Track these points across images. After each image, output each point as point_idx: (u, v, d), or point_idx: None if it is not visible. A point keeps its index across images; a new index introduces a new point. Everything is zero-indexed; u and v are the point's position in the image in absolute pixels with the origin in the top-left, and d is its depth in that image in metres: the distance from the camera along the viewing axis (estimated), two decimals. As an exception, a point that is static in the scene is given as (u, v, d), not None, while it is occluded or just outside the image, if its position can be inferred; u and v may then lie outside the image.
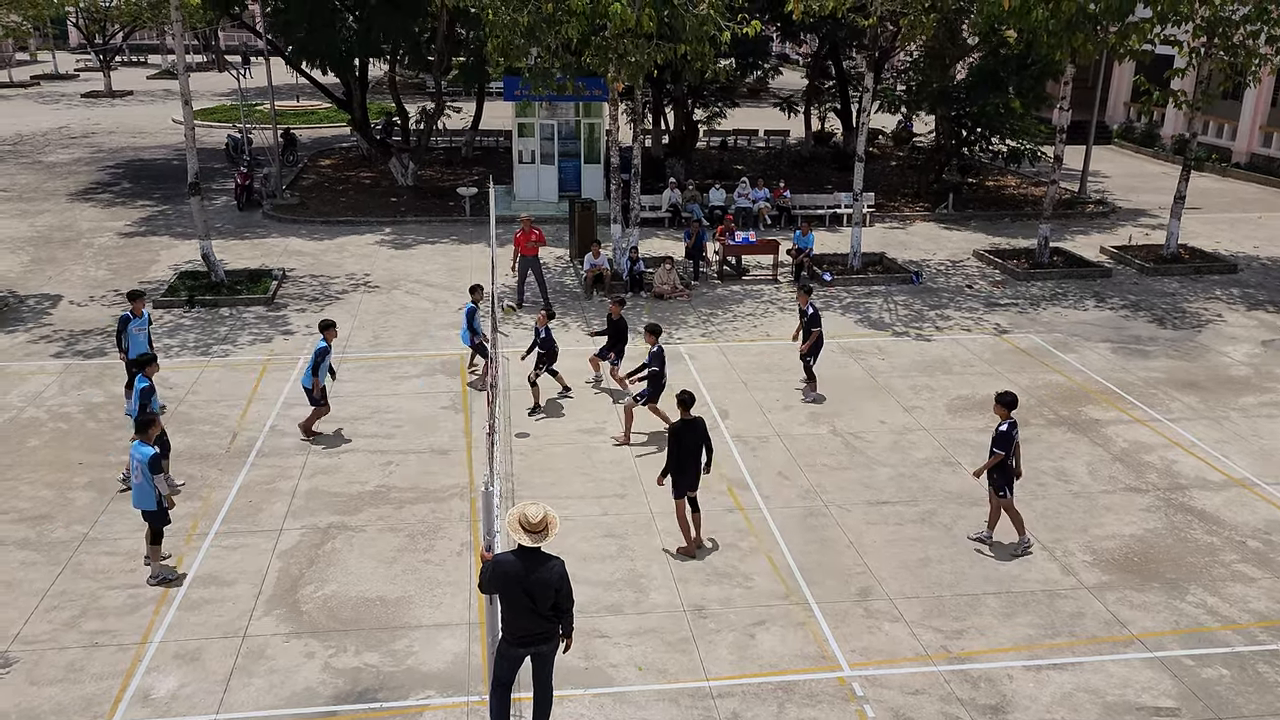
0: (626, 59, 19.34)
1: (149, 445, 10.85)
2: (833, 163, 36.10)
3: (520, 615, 7.92)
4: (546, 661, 8.27)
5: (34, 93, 60.29)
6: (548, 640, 8.14)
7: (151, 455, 10.73)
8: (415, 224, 27.89)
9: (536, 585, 7.84)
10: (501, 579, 7.82)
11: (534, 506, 7.89)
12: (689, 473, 11.53)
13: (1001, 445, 11.57)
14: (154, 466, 10.71)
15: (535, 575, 7.83)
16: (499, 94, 34.06)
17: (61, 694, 9.24)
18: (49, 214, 28.36)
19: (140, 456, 10.72)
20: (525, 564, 7.82)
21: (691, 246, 22.89)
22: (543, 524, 7.81)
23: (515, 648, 8.07)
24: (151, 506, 10.85)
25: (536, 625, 8.01)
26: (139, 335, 15.04)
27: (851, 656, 10.03)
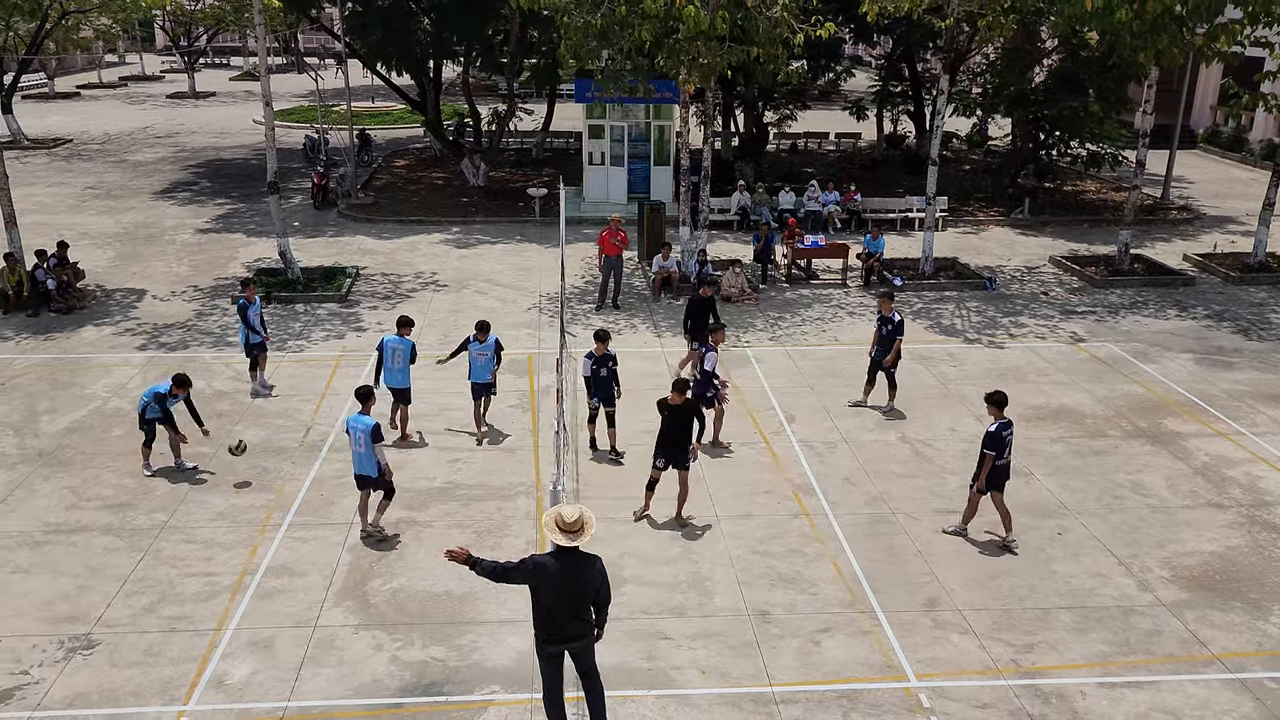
0: (699, 61, 19.31)
1: (369, 416, 11.67)
2: (904, 166, 35.63)
3: (556, 614, 7.98)
4: (586, 656, 8.33)
5: (122, 94, 62.31)
6: (582, 638, 8.20)
7: (373, 425, 11.51)
8: (485, 224, 28.20)
9: (577, 585, 7.89)
10: (539, 578, 7.88)
11: (570, 507, 7.97)
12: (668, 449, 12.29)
13: (992, 446, 11.62)
14: (375, 436, 11.47)
15: (575, 575, 7.88)
16: (570, 96, 34.26)
17: (140, 676, 9.52)
18: (134, 211, 29.28)
19: (362, 427, 11.53)
20: (565, 564, 7.87)
21: (760, 250, 22.79)
22: (579, 524, 7.86)
23: (548, 645, 8.14)
24: (373, 473, 11.63)
25: (571, 625, 8.06)
26: (258, 320, 16.24)
27: (918, 667, 9.88)
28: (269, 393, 16.18)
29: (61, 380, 16.62)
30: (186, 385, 13.60)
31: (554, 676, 8.24)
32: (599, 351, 14.03)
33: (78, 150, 39.89)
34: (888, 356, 15.59)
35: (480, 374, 14.50)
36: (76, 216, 28.26)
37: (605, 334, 14.28)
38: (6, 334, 18.81)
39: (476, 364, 14.48)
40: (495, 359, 14.54)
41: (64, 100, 57.94)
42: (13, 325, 19.27)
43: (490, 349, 14.49)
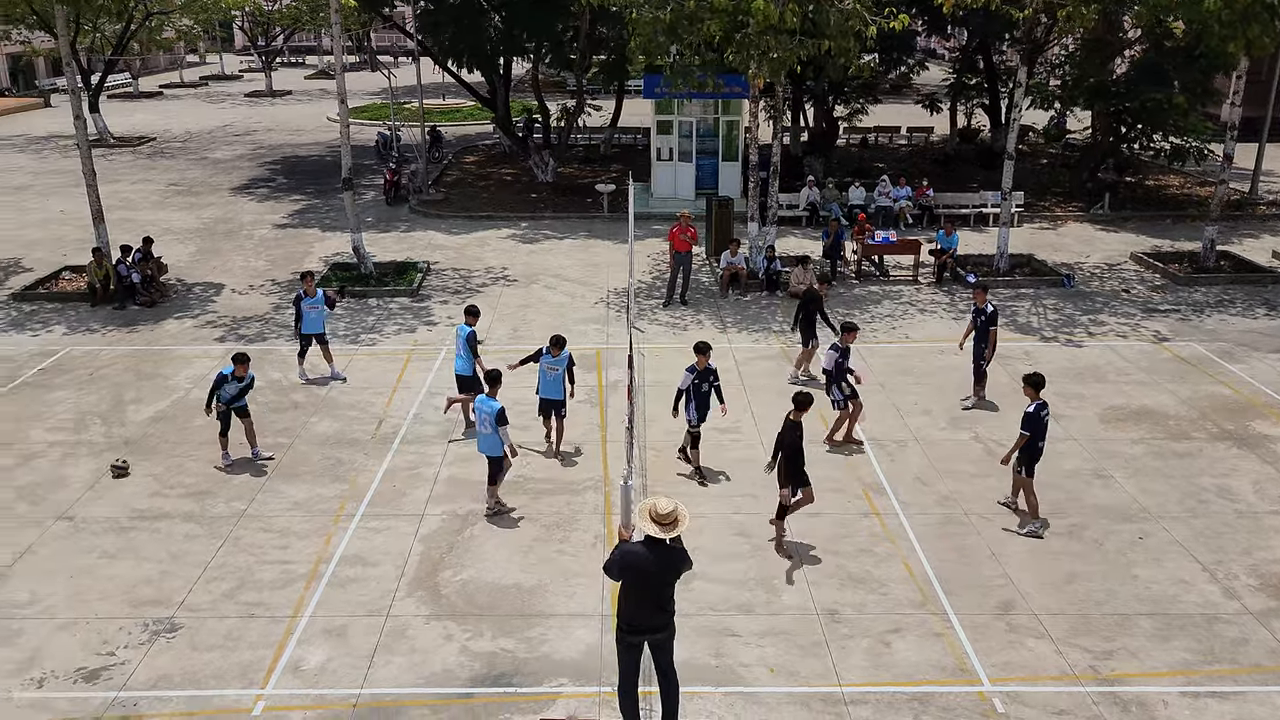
0: (769, 55, 19.15)
1: (496, 400, 12.06)
2: (978, 160, 34.97)
3: (640, 605, 8.00)
4: (665, 650, 8.32)
5: (202, 93, 64.01)
6: (663, 629, 8.18)
7: (499, 409, 11.89)
8: (553, 220, 28.36)
9: (663, 577, 7.88)
10: (627, 568, 7.89)
11: (666, 499, 7.93)
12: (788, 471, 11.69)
13: (1029, 426, 11.74)
14: (500, 419, 11.85)
15: (662, 566, 7.87)
16: (638, 92, 34.30)
17: (220, 660, 9.77)
18: (214, 207, 30.04)
19: (489, 410, 11.94)
20: (653, 555, 7.86)
21: (829, 245, 22.56)
22: (672, 517, 7.84)
23: (630, 635, 8.14)
24: (498, 453, 12.08)
25: (654, 616, 8.06)
26: (311, 312, 16.43)
27: (992, 671, 9.69)
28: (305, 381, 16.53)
29: (146, 371, 17.13)
30: (245, 362, 13.74)
31: (631, 667, 8.25)
32: (701, 364, 13.16)
33: (160, 148, 41.08)
34: (987, 351, 15.41)
35: (551, 390, 13.76)
36: (159, 212, 29.10)
37: (707, 346, 13.34)
38: (94, 326, 19.44)
39: (546, 378, 13.75)
40: (567, 375, 13.86)
41: (147, 99, 59.71)
42: (100, 318, 19.92)
43: (563, 364, 13.74)
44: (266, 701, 9.23)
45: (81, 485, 13.18)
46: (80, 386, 16.44)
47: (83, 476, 13.40)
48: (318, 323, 16.58)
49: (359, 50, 77.39)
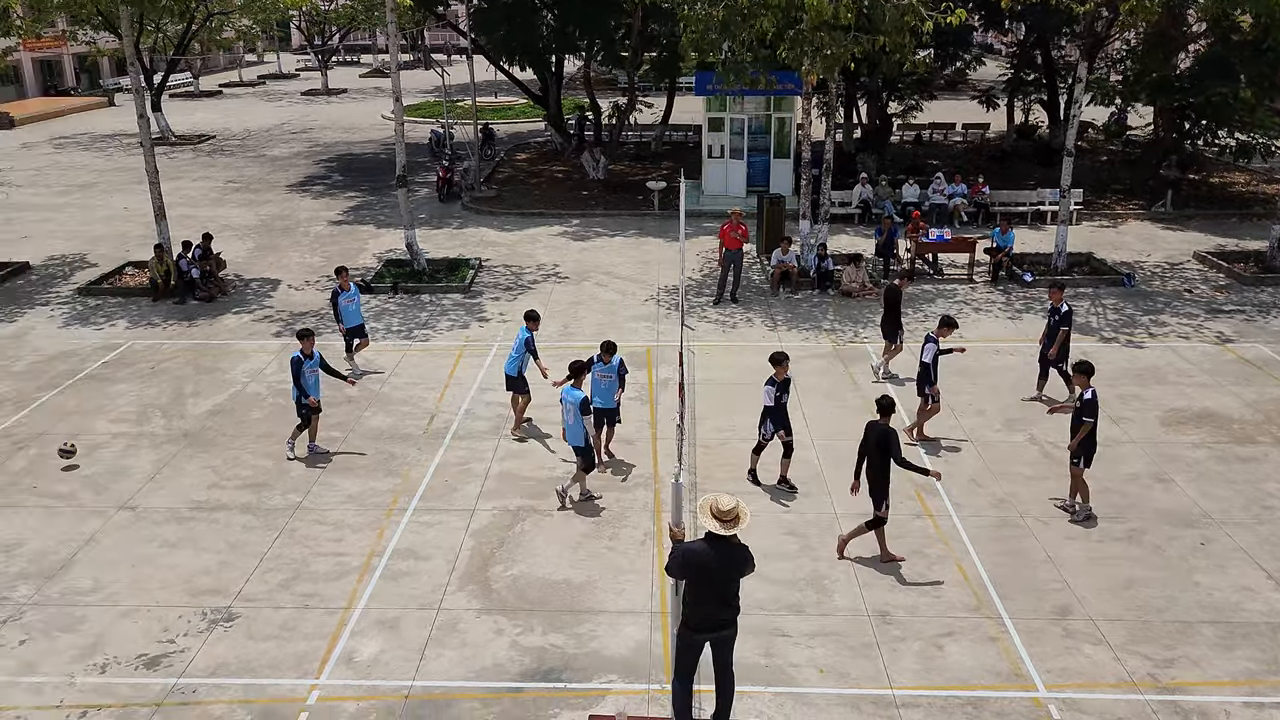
0: (822, 52, 18.99)
1: (580, 390, 12.36)
2: (1035, 157, 34.38)
3: (704, 602, 7.96)
4: (726, 648, 8.27)
5: (260, 91, 65.11)
6: (728, 627, 8.14)
7: (583, 399, 12.21)
8: (604, 217, 28.41)
9: (725, 574, 7.85)
10: (689, 565, 7.86)
11: (728, 496, 7.91)
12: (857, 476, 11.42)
13: (1092, 412, 11.72)
14: (584, 409, 12.17)
15: (724, 563, 7.84)
16: (689, 89, 34.21)
17: (275, 650, 9.93)
18: (271, 204, 30.54)
19: (572, 400, 12.24)
20: (714, 552, 7.83)
21: (883, 244, 22.32)
22: (733, 514, 7.81)
23: (695, 634, 8.11)
24: (579, 443, 12.34)
25: (719, 613, 8.02)
26: (350, 306, 16.74)
27: (1048, 677, 9.52)
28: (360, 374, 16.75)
29: (205, 365, 17.46)
30: (309, 337, 13.98)
31: (690, 660, 8.22)
32: (780, 376, 12.69)
33: (220, 146, 41.85)
34: (1052, 349, 15.24)
35: (603, 398, 13.43)
36: (218, 209, 29.65)
37: (785, 356, 12.82)
38: (155, 321, 19.87)
39: (599, 385, 13.39)
40: (619, 383, 13.64)
41: (207, 98, 60.88)
42: (161, 312, 20.35)
43: (614, 371, 13.48)
44: (321, 691, 9.36)
45: (143, 476, 13.48)
46: (142, 380, 16.81)
47: (144, 468, 13.70)
48: (356, 315, 16.97)
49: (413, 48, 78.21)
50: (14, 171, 36.40)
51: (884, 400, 11.42)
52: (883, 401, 11.40)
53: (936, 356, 14.15)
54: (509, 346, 17.88)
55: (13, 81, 59.09)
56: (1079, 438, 11.93)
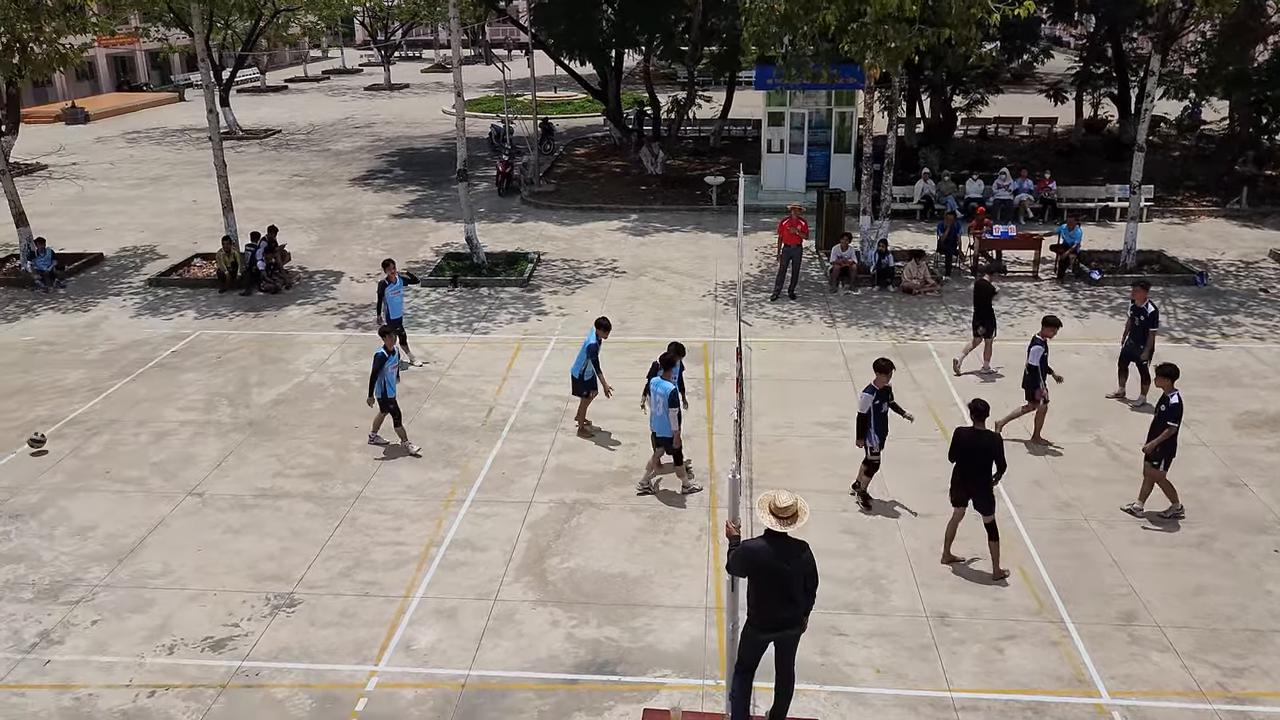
0: (886, 45, 18.73)
1: (669, 381, 12.44)
2: (1104, 152, 33.59)
3: (768, 600, 7.90)
4: (790, 648, 8.20)
5: (324, 86, 66.20)
6: (793, 626, 8.07)
7: (672, 391, 12.32)
8: (662, 212, 28.39)
9: (786, 571, 7.80)
10: (750, 563, 7.82)
11: (785, 493, 7.86)
12: (964, 487, 10.97)
13: (1175, 417, 11.45)
14: (672, 400, 12.30)
15: (784, 561, 7.78)
16: (749, 83, 34.03)
17: (335, 636, 10.10)
18: (334, 197, 31.03)
19: (662, 391, 12.37)
20: (774, 549, 7.78)
21: (945, 240, 22.00)
22: (792, 510, 7.76)
23: (760, 633, 8.05)
24: (666, 433, 12.44)
25: (784, 611, 7.96)
26: (395, 298, 16.89)
27: (1111, 684, 9.32)
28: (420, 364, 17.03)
29: (270, 355, 17.81)
30: (391, 333, 14.27)
31: (753, 656, 8.16)
32: (880, 383, 12.07)
33: (285, 140, 42.63)
34: (1145, 354, 14.94)
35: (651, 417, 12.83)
36: (284, 202, 30.21)
37: (889, 364, 12.16)
38: (222, 311, 20.31)
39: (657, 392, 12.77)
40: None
41: (274, 93, 62.05)
42: (227, 303, 20.79)
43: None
44: (379, 678, 9.50)
45: (209, 463, 13.79)
46: (209, 369, 17.19)
47: (210, 455, 14.02)
48: (401, 307, 17.21)
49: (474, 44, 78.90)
50: (89, 165, 37.45)
51: (979, 404, 11.03)
52: (978, 405, 11.01)
53: (1044, 358, 13.73)
54: (566, 340, 18.08)
55: (88, 77, 60.79)
56: (1159, 441, 11.64)
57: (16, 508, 12.67)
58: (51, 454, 14.09)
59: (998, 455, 10.79)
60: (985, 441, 10.83)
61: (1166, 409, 11.64)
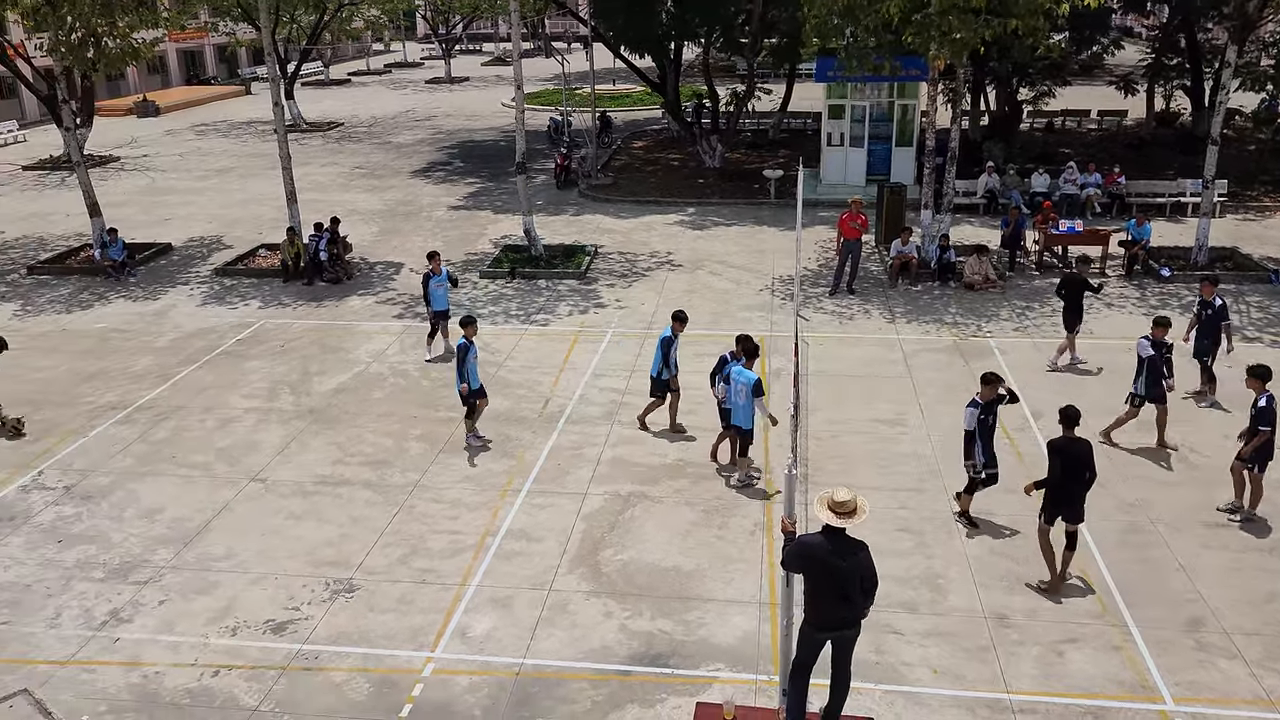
0: (951, 36, 18.44)
1: (753, 371, 12.29)
2: (1176, 146, 32.73)
3: (825, 599, 7.83)
4: (847, 647, 8.13)
5: (386, 80, 66.98)
6: (851, 626, 7.99)
7: (756, 380, 12.13)
8: (719, 205, 28.28)
9: (842, 568, 7.73)
10: (806, 560, 7.76)
11: (843, 489, 7.79)
12: (1064, 502, 10.44)
13: (1267, 421, 11.15)
14: (756, 390, 12.08)
15: (841, 558, 7.71)
16: (809, 75, 33.71)
17: (393, 622, 10.24)
18: (395, 189, 31.42)
19: (745, 380, 12.18)
20: (831, 546, 7.71)
21: (1009, 235, 21.61)
22: (852, 506, 7.68)
23: (817, 632, 7.98)
24: (747, 425, 12.33)
25: (841, 610, 7.89)
26: (438, 290, 17.01)
27: (1176, 690, 9.09)
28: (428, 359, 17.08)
29: (331, 345, 18.10)
30: (472, 322, 14.00)
31: (810, 655, 8.10)
32: (986, 396, 11.31)
33: (348, 133, 43.25)
34: (1228, 348, 14.65)
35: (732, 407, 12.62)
36: (346, 194, 30.66)
37: (997, 376, 11.46)
38: (285, 301, 20.68)
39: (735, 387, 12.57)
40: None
41: (337, 86, 62.95)
42: (290, 293, 21.17)
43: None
44: (436, 664, 9.61)
45: (272, 450, 14.06)
46: (272, 357, 17.52)
47: (273, 442, 14.29)
48: (443, 300, 17.22)
49: (534, 37, 79.26)
50: (159, 157, 38.36)
51: (1072, 412, 10.48)
52: (1071, 413, 10.46)
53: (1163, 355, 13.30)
54: (623, 333, 18.11)
55: (159, 71, 62.25)
56: (1253, 445, 11.36)
57: (88, 490, 13.05)
58: (121, 438, 14.48)
59: (1091, 463, 10.41)
60: (1082, 450, 10.38)
61: (1257, 412, 11.37)
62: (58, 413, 15.37)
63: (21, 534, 12.02)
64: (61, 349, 18.14)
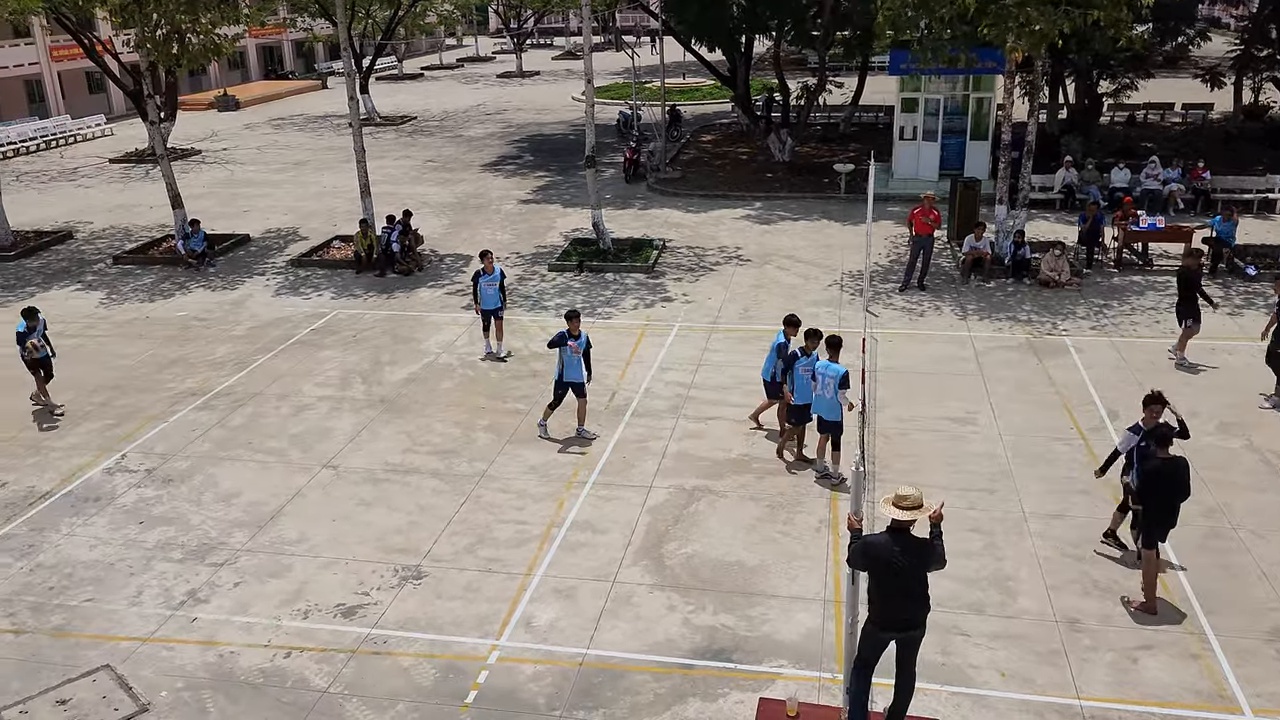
0: (1029, 28, 18.03)
1: (840, 364, 12.24)
2: (1266, 140, 31.62)
3: (889, 598, 7.76)
4: (912, 647, 8.03)
5: (458, 74, 67.75)
6: (916, 626, 7.90)
7: (844, 373, 12.10)
8: (788, 200, 28.07)
9: (907, 568, 7.65)
10: (870, 558, 7.69)
11: (907, 487, 7.71)
12: (1166, 523, 10.06)
13: None
14: (843, 383, 12.08)
15: (905, 557, 7.63)
16: (882, 68, 33.28)
17: (460, 609, 10.39)
18: (466, 183, 31.78)
19: (831, 373, 12.18)
20: (897, 546, 7.64)
21: (1086, 231, 21.06)
22: (915, 505, 7.60)
23: (881, 631, 7.90)
24: (837, 416, 12.33)
25: (903, 610, 7.80)
26: (489, 290, 16.83)
27: (1256, 701, 8.81)
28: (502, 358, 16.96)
29: (401, 335, 18.39)
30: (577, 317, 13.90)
31: (873, 653, 8.02)
32: (1149, 420, 10.51)
33: (420, 126, 43.85)
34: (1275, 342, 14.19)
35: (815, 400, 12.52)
36: (417, 187, 31.10)
37: (1162, 398, 10.65)
38: (357, 292, 21.06)
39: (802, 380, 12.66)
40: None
41: (410, 81, 63.85)
42: (363, 284, 21.55)
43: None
44: (500, 652, 9.73)
45: (344, 437, 14.34)
46: (345, 346, 17.87)
47: (345, 429, 14.58)
48: (494, 299, 16.75)
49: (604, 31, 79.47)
50: (238, 150, 39.33)
51: (1168, 430, 10.09)
52: (1167, 432, 10.05)
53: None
54: (689, 327, 18.11)
55: (239, 66, 63.80)
56: None
57: (169, 473, 13.45)
58: (201, 423, 14.89)
59: (1188, 482, 9.96)
60: (1180, 470, 9.94)
61: None
62: (140, 398, 15.87)
63: (106, 514, 12.45)
64: (145, 336, 18.72)
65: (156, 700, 9.22)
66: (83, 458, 13.95)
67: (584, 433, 14.09)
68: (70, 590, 10.90)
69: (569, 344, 13.64)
